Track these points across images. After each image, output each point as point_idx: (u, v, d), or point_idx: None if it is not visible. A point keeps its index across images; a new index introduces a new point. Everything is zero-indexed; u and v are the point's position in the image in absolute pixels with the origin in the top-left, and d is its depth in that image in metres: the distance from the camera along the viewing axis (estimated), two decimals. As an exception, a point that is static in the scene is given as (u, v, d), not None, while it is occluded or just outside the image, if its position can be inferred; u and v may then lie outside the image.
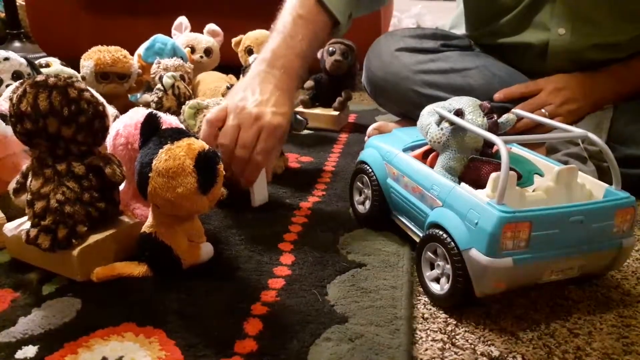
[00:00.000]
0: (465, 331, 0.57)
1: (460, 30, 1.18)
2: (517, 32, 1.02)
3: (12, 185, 0.66)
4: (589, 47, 0.97)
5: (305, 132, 1.23)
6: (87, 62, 1.11)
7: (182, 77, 1.12)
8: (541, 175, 0.65)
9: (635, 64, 0.97)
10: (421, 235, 0.66)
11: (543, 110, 0.95)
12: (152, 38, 1.25)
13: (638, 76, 0.97)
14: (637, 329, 0.58)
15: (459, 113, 0.63)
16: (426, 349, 0.54)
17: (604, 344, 0.56)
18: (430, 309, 0.61)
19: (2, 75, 0.90)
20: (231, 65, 1.39)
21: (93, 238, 0.64)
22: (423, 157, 0.71)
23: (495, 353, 0.54)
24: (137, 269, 0.64)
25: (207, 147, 0.61)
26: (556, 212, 0.56)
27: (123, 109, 0.85)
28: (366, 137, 1.13)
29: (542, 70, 1.01)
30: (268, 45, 0.85)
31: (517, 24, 1.02)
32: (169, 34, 1.35)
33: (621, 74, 0.97)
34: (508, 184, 0.55)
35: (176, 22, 1.41)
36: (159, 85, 1.07)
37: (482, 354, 0.54)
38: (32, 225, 0.62)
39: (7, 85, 0.89)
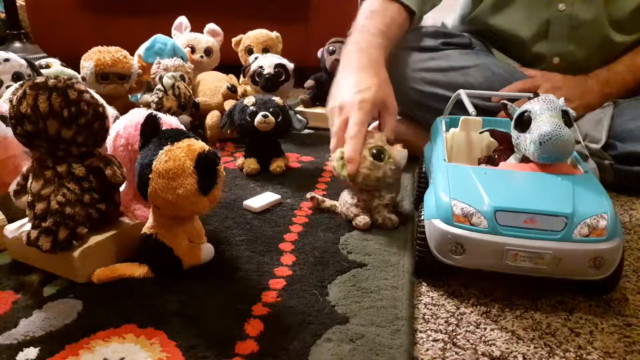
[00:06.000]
0: (466, 331, 0.57)
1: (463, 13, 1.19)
2: (520, 8, 1.03)
3: (13, 187, 0.66)
4: (589, 22, 0.98)
5: (306, 131, 1.23)
6: (88, 62, 1.11)
7: (182, 77, 1.11)
8: None
9: (615, 67, 1.00)
10: None
11: None
12: (152, 38, 1.25)
13: (619, 77, 0.99)
14: (638, 328, 0.58)
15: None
16: (427, 349, 0.54)
17: (605, 343, 0.55)
18: (431, 309, 0.61)
19: (2, 76, 0.90)
20: (231, 65, 1.39)
21: (94, 239, 0.64)
22: None
23: (497, 353, 0.54)
24: (137, 270, 0.64)
25: (207, 148, 0.61)
26: None
27: (123, 109, 0.85)
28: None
29: (540, 52, 1.02)
30: (345, 48, 0.93)
31: (517, 4, 1.03)
32: (169, 34, 1.35)
33: (604, 76, 0.99)
34: None
35: (176, 22, 1.41)
36: (159, 86, 1.06)
37: (483, 354, 0.54)
38: (33, 227, 0.62)
39: (8, 87, 0.89)
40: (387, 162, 0.76)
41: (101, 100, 0.65)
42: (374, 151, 0.76)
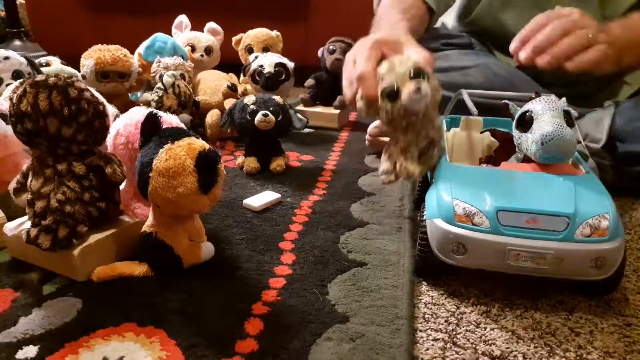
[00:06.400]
0: (467, 330, 0.57)
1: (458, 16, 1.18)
2: (517, 12, 1.03)
3: (13, 184, 0.66)
4: None
5: (306, 130, 1.23)
6: (88, 61, 1.11)
7: (182, 76, 1.11)
8: None
9: (631, 15, 0.86)
10: None
11: (586, 32, 0.72)
12: (152, 37, 1.25)
13: (634, 20, 0.84)
14: (638, 328, 0.58)
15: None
16: (427, 349, 0.54)
17: (605, 343, 0.55)
18: (431, 309, 0.61)
19: (2, 74, 0.90)
20: (232, 64, 1.39)
21: (94, 238, 0.64)
22: None
23: (497, 352, 0.54)
24: (137, 269, 0.64)
25: (207, 146, 0.61)
26: None
27: (123, 107, 0.85)
28: (367, 136, 1.13)
29: None
30: None
31: (517, 2, 1.02)
32: (169, 32, 1.35)
33: (621, 21, 0.83)
34: None
35: (176, 21, 1.41)
36: (159, 84, 1.06)
37: (483, 354, 0.54)
38: (33, 225, 0.62)
39: (8, 85, 0.88)
40: (398, 102, 0.65)
41: (101, 99, 0.65)
42: (387, 90, 0.64)
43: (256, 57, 1.25)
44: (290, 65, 1.22)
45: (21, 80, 0.61)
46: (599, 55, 0.66)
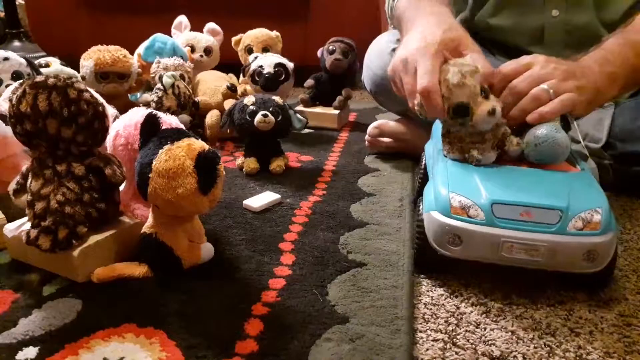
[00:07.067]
0: (466, 331, 0.57)
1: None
2: (514, 16, 1.03)
3: (12, 186, 0.66)
4: (583, 26, 0.97)
5: (306, 131, 1.23)
6: (87, 61, 1.11)
7: (182, 77, 1.11)
8: None
9: (608, 46, 0.84)
10: None
11: (545, 86, 0.70)
12: (151, 37, 1.25)
13: (618, 55, 0.82)
14: (638, 328, 0.58)
15: None
16: (427, 349, 0.54)
17: (605, 343, 0.55)
18: (431, 309, 0.61)
19: (1, 75, 0.90)
20: (231, 64, 1.39)
21: (93, 239, 0.64)
22: None
23: (496, 353, 0.54)
24: (137, 270, 0.64)
25: (207, 147, 0.61)
26: None
27: (123, 108, 0.85)
28: (367, 136, 1.13)
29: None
30: (402, 24, 0.85)
31: (513, 7, 1.02)
32: (168, 33, 1.35)
33: (599, 54, 0.82)
34: None
35: (176, 21, 1.40)
36: (159, 85, 1.06)
37: (483, 354, 0.54)
38: (33, 226, 0.62)
39: (7, 86, 0.88)
40: (469, 120, 0.65)
41: (101, 100, 0.65)
42: (460, 108, 0.65)
43: (256, 58, 1.25)
44: (290, 65, 1.22)
45: (21, 81, 0.61)
46: (557, 107, 0.66)
